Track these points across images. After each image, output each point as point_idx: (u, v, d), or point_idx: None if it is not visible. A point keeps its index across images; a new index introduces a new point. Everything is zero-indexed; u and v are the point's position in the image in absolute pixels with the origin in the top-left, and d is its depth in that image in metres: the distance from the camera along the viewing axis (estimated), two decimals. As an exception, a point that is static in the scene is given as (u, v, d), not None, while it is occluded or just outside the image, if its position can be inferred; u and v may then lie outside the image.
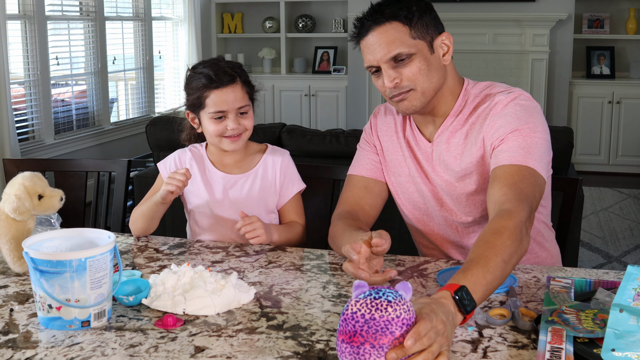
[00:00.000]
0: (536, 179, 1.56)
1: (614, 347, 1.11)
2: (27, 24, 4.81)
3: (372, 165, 1.85)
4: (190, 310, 1.36)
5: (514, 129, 1.60)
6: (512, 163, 1.57)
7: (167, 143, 3.57)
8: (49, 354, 1.20)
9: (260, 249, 1.79)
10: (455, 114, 1.71)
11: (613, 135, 6.31)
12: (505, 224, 1.41)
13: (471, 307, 1.23)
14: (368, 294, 1.14)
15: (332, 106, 6.94)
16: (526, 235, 1.43)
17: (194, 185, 1.96)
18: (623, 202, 5.38)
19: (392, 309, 1.11)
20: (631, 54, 6.51)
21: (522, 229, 1.41)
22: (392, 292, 1.14)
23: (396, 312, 1.11)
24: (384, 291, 1.14)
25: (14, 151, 4.48)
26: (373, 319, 1.11)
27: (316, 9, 7.21)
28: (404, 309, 1.12)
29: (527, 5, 6.28)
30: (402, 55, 1.62)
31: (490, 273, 1.30)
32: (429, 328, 1.11)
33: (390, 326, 1.11)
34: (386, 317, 1.11)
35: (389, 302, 1.12)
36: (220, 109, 1.86)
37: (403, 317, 1.11)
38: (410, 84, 1.64)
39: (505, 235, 1.38)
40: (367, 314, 1.12)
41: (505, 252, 1.35)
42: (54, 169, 2.36)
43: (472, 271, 1.29)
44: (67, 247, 1.42)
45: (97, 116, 5.65)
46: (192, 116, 1.96)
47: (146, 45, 6.21)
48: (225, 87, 1.86)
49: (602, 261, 4.11)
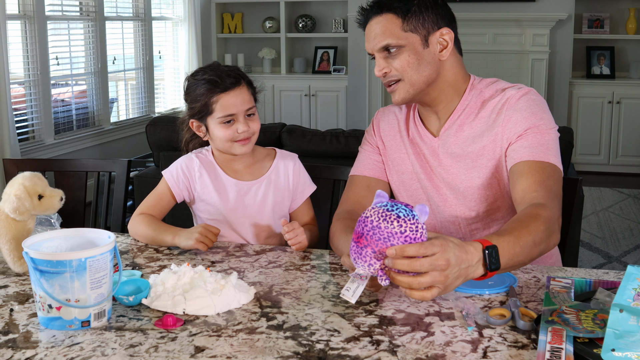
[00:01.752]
0: (559, 176, 1.61)
1: (614, 347, 1.11)
2: (27, 24, 4.81)
3: (374, 165, 1.86)
4: (190, 310, 1.36)
5: (531, 125, 1.64)
6: (536, 159, 1.60)
7: (167, 143, 3.57)
8: (49, 354, 1.20)
9: (261, 249, 1.79)
10: (462, 108, 1.74)
11: (613, 135, 6.32)
12: (540, 212, 1.45)
13: (495, 267, 1.27)
14: (383, 205, 1.22)
15: (332, 106, 6.94)
16: (556, 231, 1.48)
17: (206, 193, 1.93)
18: (623, 202, 5.39)
19: (398, 224, 1.19)
20: (631, 54, 6.51)
21: (555, 223, 1.47)
22: (405, 210, 1.20)
23: (402, 227, 1.18)
24: (398, 206, 1.21)
25: (14, 151, 4.48)
26: (379, 228, 1.20)
27: (316, 9, 7.21)
28: (411, 227, 1.18)
29: (527, 5, 6.29)
30: (391, 46, 1.67)
31: (520, 246, 1.35)
32: (424, 253, 1.16)
33: (392, 238, 1.18)
34: (390, 229, 1.19)
35: (398, 216, 1.20)
36: (229, 113, 1.84)
37: (407, 235, 1.18)
38: (398, 75, 1.69)
39: (539, 221, 1.43)
40: (375, 221, 1.21)
41: (537, 235, 1.39)
42: (54, 169, 2.35)
43: (504, 237, 1.33)
44: (67, 247, 1.42)
45: (97, 116, 5.65)
46: (198, 124, 1.91)
47: (146, 45, 6.22)
48: (232, 89, 1.84)
49: (602, 261, 4.11)
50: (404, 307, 1.38)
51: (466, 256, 1.23)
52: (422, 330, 1.27)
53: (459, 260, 1.22)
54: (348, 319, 1.32)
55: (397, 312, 1.35)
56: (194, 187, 1.94)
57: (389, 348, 1.20)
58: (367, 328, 1.28)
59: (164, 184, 1.95)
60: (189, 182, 1.94)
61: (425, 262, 1.18)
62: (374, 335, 1.25)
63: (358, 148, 1.93)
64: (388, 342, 1.22)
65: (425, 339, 1.24)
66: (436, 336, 1.24)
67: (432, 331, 1.27)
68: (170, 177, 1.95)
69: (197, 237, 1.73)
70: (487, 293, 1.44)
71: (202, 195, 1.94)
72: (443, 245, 1.20)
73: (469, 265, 1.24)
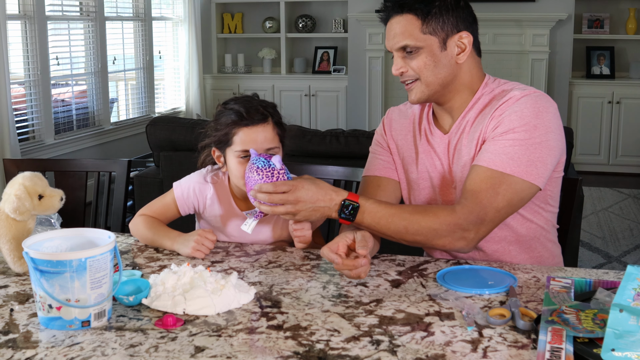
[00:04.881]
0: (510, 187, 1.60)
1: (613, 347, 1.11)
2: (27, 24, 4.81)
3: (385, 165, 1.86)
4: (190, 310, 1.36)
5: (510, 129, 1.62)
6: (490, 167, 1.61)
7: (167, 143, 3.56)
8: (49, 354, 1.20)
9: (261, 249, 1.79)
10: (471, 106, 1.74)
11: (613, 135, 6.32)
12: (443, 213, 1.60)
13: (346, 218, 1.61)
14: (251, 159, 1.67)
15: (332, 106, 6.94)
16: (456, 237, 1.58)
17: (212, 219, 1.92)
18: (623, 202, 5.39)
19: (257, 173, 1.63)
20: (631, 54, 6.51)
21: (454, 230, 1.58)
22: (263, 161, 1.64)
23: (259, 175, 1.62)
24: (259, 159, 1.65)
25: (14, 151, 4.48)
26: (249, 177, 1.66)
27: (316, 9, 7.21)
28: (267, 174, 1.62)
29: (527, 5, 6.28)
30: (410, 47, 1.68)
31: (388, 222, 1.60)
32: (274, 190, 1.57)
33: (256, 183, 1.61)
34: (254, 177, 1.64)
35: (258, 167, 1.63)
36: (247, 148, 1.76)
37: (264, 180, 1.61)
38: (415, 75, 1.71)
39: (431, 217, 1.59)
40: (247, 173, 1.68)
41: (414, 225, 1.59)
42: (54, 169, 2.35)
43: (379, 207, 1.61)
44: (67, 247, 1.42)
45: (97, 116, 5.65)
46: (218, 154, 1.86)
47: (146, 45, 6.22)
48: (256, 125, 1.78)
49: (602, 261, 4.11)
50: (404, 307, 1.38)
51: (322, 198, 1.59)
52: (422, 330, 1.27)
53: (312, 199, 1.58)
54: (348, 319, 1.32)
55: (397, 312, 1.35)
56: (201, 209, 1.93)
57: (389, 348, 1.20)
58: (367, 328, 1.28)
59: (171, 197, 1.92)
60: (197, 204, 1.92)
61: (277, 197, 1.58)
62: (374, 335, 1.25)
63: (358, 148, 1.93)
64: (388, 342, 1.23)
65: (425, 339, 1.24)
66: (436, 336, 1.25)
67: (432, 331, 1.27)
68: (180, 194, 1.91)
69: (193, 245, 1.71)
70: (487, 293, 1.45)
71: (207, 219, 1.93)
72: (295, 185, 1.58)
73: (325, 206, 1.60)
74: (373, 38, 6.60)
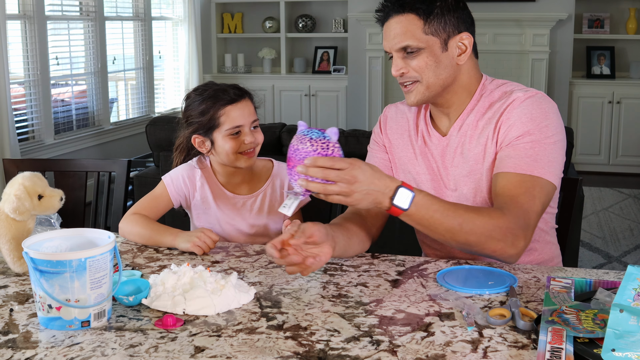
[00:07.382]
0: (542, 189, 1.59)
1: (614, 347, 1.11)
2: (27, 24, 4.81)
3: (381, 163, 1.86)
4: (190, 310, 1.36)
5: (525, 132, 1.62)
6: (518, 172, 1.60)
7: (167, 143, 3.57)
8: (49, 354, 1.20)
9: (261, 249, 1.79)
10: (471, 108, 1.73)
11: (613, 135, 6.32)
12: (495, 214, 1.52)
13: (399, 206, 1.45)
14: (301, 131, 1.46)
15: (332, 106, 6.94)
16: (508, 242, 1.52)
17: (205, 205, 1.96)
18: (623, 202, 5.39)
19: (311, 144, 1.43)
20: (631, 54, 6.51)
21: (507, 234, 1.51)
22: (318, 132, 1.45)
23: (313, 146, 1.43)
24: (312, 131, 1.46)
25: (14, 151, 4.48)
26: (297, 149, 1.45)
27: (316, 9, 7.21)
28: (322, 146, 1.43)
29: (527, 5, 6.28)
30: (411, 47, 1.65)
31: (443, 217, 1.47)
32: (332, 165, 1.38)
33: (308, 156, 1.42)
34: (305, 149, 1.43)
35: (311, 138, 1.44)
36: (237, 124, 1.87)
37: (319, 152, 1.42)
38: (416, 75, 1.68)
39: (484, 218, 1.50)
40: (295, 145, 1.46)
41: (469, 225, 1.49)
42: (54, 169, 2.35)
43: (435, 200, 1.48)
44: (67, 247, 1.42)
45: (97, 116, 5.65)
46: (201, 140, 1.91)
47: (146, 45, 6.22)
48: (238, 102, 1.88)
49: (602, 261, 4.11)
50: (404, 307, 1.38)
51: (378, 182, 1.43)
52: (422, 330, 1.27)
53: (368, 181, 1.41)
54: (348, 319, 1.32)
55: (397, 312, 1.35)
56: (192, 196, 1.97)
57: (389, 348, 1.20)
58: (367, 328, 1.28)
59: (162, 188, 1.97)
60: (188, 191, 1.97)
61: (333, 172, 1.39)
62: (374, 335, 1.25)
63: (358, 148, 1.94)
64: (388, 342, 1.22)
65: (425, 339, 1.24)
66: (436, 336, 1.24)
67: (432, 331, 1.27)
68: (170, 183, 1.97)
69: (194, 240, 1.73)
70: (487, 293, 1.45)
71: (200, 205, 1.96)
72: (353, 163, 1.41)
73: (378, 190, 1.43)
74: (373, 38, 6.60)
